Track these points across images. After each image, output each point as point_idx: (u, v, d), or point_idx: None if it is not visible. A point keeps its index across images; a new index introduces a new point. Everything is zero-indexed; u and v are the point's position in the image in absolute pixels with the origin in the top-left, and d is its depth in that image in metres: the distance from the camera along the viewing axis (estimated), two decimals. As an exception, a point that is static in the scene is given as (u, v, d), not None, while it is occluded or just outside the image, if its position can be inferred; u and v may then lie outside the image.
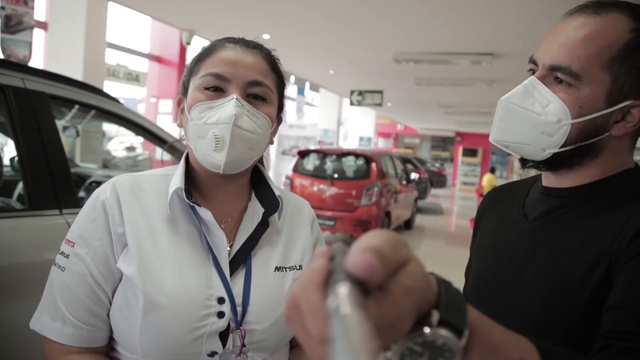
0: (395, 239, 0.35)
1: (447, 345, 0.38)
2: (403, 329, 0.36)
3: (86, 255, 0.90)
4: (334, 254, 0.36)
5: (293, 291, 0.35)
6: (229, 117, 0.88)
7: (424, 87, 11.43)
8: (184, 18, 7.39)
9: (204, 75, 0.93)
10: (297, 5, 6.08)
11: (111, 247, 0.90)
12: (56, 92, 2.09)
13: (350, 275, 0.33)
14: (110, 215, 0.90)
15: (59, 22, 6.57)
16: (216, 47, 0.96)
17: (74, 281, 0.89)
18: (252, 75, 0.93)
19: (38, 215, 1.85)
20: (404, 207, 9.34)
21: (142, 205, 0.93)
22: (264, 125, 0.95)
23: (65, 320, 0.89)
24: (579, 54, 0.80)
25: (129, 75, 8.43)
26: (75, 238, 0.92)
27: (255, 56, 0.96)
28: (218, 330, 0.88)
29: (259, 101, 0.94)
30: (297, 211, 1.08)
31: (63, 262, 0.91)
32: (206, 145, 0.90)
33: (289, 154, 11.63)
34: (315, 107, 17.49)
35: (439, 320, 0.38)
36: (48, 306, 0.91)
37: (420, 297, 0.36)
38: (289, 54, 9.23)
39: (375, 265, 0.32)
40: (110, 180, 0.96)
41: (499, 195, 1.08)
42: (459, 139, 27.15)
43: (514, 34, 6.50)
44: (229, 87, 0.92)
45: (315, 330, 0.32)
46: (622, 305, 0.69)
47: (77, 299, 0.89)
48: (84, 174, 3.64)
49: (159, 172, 1.01)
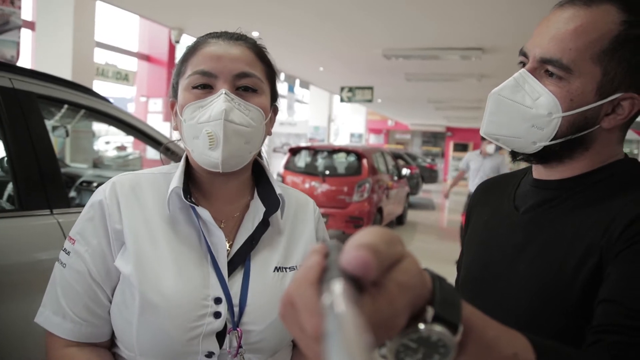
0: (389, 236, 0.35)
1: (442, 341, 0.38)
2: (398, 325, 0.36)
3: (85, 253, 0.90)
4: (328, 251, 0.36)
5: (287, 288, 0.35)
6: (220, 113, 0.87)
7: (414, 82, 11.45)
8: (173, 16, 7.35)
9: (191, 75, 0.91)
10: (286, 3, 6.07)
11: (108, 245, 0.90)
12: (45, 92, 2.07)
13: (345, 272, 0.33)
14: (108, 214, 0.90)
15: (47, 22, 6.50)
16: (199, 44, 0.95)
17: (74, 278, 0.90)
18: (239, 68, 0.91)
19: (28, 215, 1.84)
20: (396, 202, 9.36)
21: (142, 204, 0.93)
22: (258, 117, 0.93)
23: (65, 316, 0.90)
24: (569, 47, 0.80)
25: (118, 75, 8.36)
26: (75, 235, 0.92)
27: (240, 47, 0.94)
28: (214, 331, 0.87)
29: (249, 93, 0.92)
30: (301, 209, 1.06)
31: (65, 259, 0.92)
32: (201, 145, 0.89)
33: (280, 152, 11.63)
34: (305, 104, 17.47)
35: (433, 316, 0.38)
36: (50, 300, 0.92)
37: (415, 294, 0.36)
38: (278, 51, 9.20)
39: (370, 261, 0.32)
40: (111, 179, 0.96)
41: (490, 188, 1.08)
42: (450, 134, 27.26)
43: (503, 29, 6.53)
44: (217, 83, 0.91)
45: (310, 328, 0.32)
46: (614, 298, 0.69)
47: (76, 296, 0.90)
48: (74, 173, 3.63)
49: (159, 170, 1.00)
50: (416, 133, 28.60)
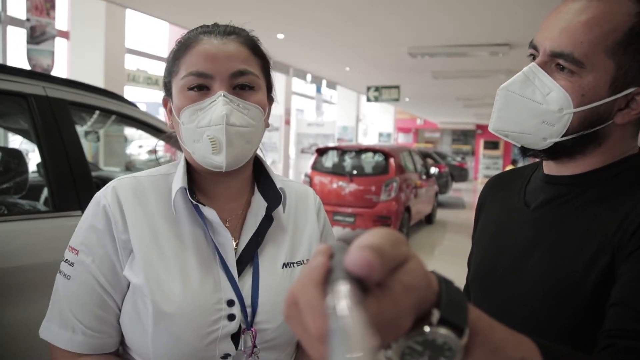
0: (394, 237, 0.35)
1: (447, 344, 0.37)
2: (403, 327, 0.35)
3: (92, 264, 0.87)
4: (333, 252, 0.36)
5: (292, 289, 0.35)
6: (221, 118, 0.85)
7: (441, 80, 11.33)
8: (200, 21, 7.39)
9: (185, 76, 0.88)
10: (310, 4, 6.11)
11: (116, 254, 0.87)
12: (76, 99, 2.18)
13: (350, 273, 0.32)
14: (113, 222, 0.87)
15: (80, 31, 6.73)
16: (191, 41, 0.91)
17: (81, 289, 0.87)
18: (235, 66, 0.88)
19: (61, 216, 1.94)
20: (425, 201, 9.28)
21: (145, 208, 0.90)
22: (257, 115, 0.91)
23: (75, 329, 0.87)
24: (581, 40, 0.77)
25: (149, 80, 8.55)
26: (78, 245, 0.89)
27: (234, 44, 0.90)
28: (230, 333, 0.86)
29: (246, 91, 0.90)
30: (302, 201, 1.05)
31: (68, 271, 0.88)
32: (204, 149, 0.87)
33: (308, 152, 11.68)
34: (333, 104, 17.50)
35: (439, 319, 0.37)
36: (55, 315, 0.89)
37: (420, 295, 0.36)
38: (304, 52, 9.26)
39: (375, 262, 0.32)
40: (109, 183, 0.92)
41: (500, 184, 1.06)
42: (480, 131, 26.80)
43: (529, 23, 6.41)
44: (213, 84, 0.88)
45: (314, 328, 0.32)
46: (626, 302, 0.67)
47: (85, 307, 0.87)
48: (106, 177, 3.76)
49: (159, 171, 0.97)
50: (446, 131, 28.24)
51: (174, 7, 6.61)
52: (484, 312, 0.44)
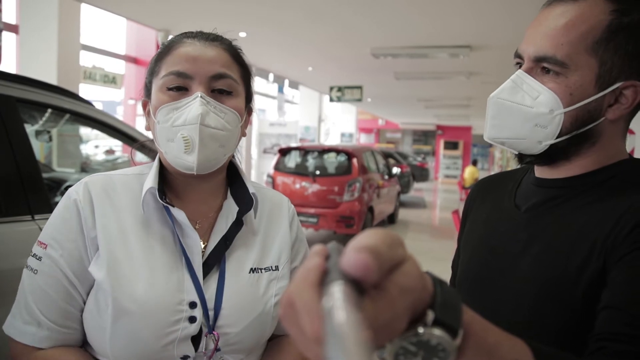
0: (391, 238, 0.35)
1: (441, 345, 0.38)
2: (398, 328, 0.36)
3: (60, 258, 0.88)
4: (329, 253, 0.36)
5: (288, 290, 0.35)
6: (195, 117, 0.86)
7: (403, 81, 11.47)
8: (159, 18, 7.30)
9: (166, 75, 0.90)
10: (273, 3, 6.05)
11: (85, 249, 0.88)
12: (25, 96, 2.04)
13: (346, 275, 0.32)
14: (83, 217, 0.88)
15: (31, 25, 6.44)
16: (174, 43, 0.93)
17: (48, 284, 0.87)
18: (215, 69, 0.91)
19: (9, 221, 1.81)
20: (387, 201, 9.37)
21: (115, 206, 0.91)
22: (233, 120, 0.92)
23: (41, 324, 0.87)
24: (561, 42, 0.80)
25: (105, 78, 8.30)
26: (47, 240, 0.89)
27: (216, 49, 0.93)
28: (189, 335, 0.87)
29: (224, 95, 0.92)
30: (275, 208, 1.06)
31: (35, 265, 0.89)
32: (176, 148, 0.88)
33: (270, 152, 11.61)
34: (295, 104, 17.46)
35: (433, 320, 0.38)
36: (20, 310, 0.89)
37: (416, 297, 0.36)
38: (267, 52, 9.18)
39: (371, 264, 0.32)
40: (82, 180, 0.93)
41: (489, 186, 1.07)
42: (440, 132, 27.36)
43: (491, 26, 6.55)
44: (192, 85, 0.90)
45: (310, 330, 0.32)
46: (617, 305, 0.67)
47: (51, 302, 0.87)
48: (60, 178, 3.59)
49: (132, 171, 0.99)
50: (407, 132, 28.67)
51: (131, 2, 6.41)
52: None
